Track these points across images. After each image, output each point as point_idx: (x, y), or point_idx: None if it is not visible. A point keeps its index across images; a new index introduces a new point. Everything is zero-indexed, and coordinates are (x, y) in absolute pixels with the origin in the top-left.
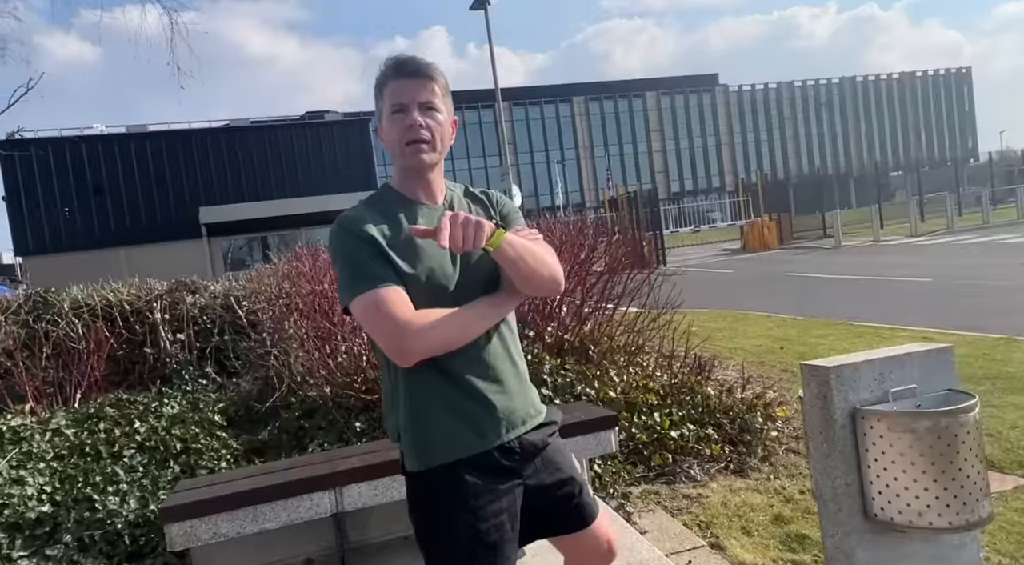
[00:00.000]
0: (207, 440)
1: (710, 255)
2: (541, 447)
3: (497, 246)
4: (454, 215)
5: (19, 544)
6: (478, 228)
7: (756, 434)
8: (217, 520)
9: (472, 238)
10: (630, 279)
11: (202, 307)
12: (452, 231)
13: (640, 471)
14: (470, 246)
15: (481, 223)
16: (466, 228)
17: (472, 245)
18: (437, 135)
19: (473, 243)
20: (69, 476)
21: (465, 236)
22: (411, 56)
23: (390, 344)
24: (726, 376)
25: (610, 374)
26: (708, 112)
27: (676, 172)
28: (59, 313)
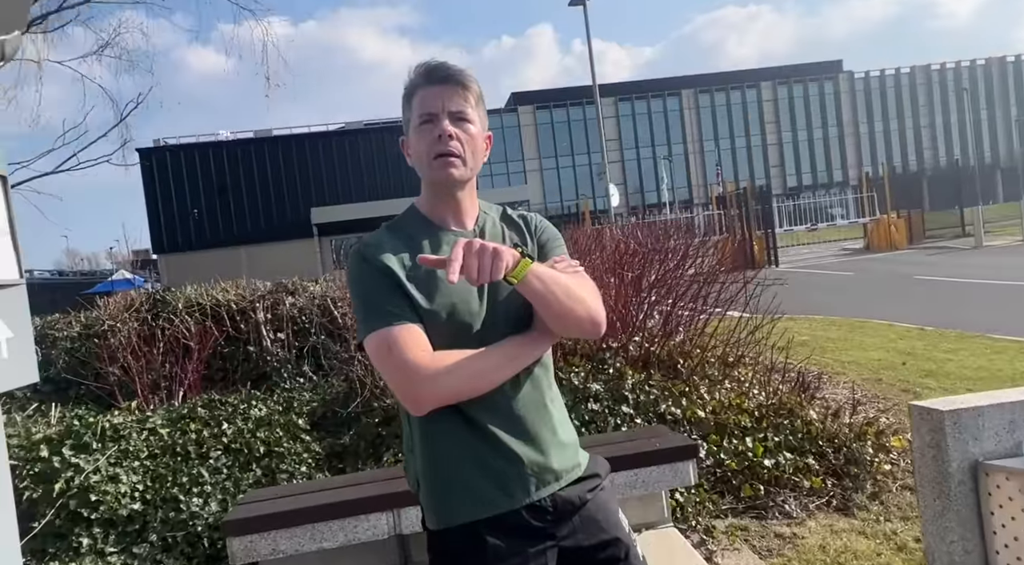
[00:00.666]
0: (290, 444)
1: (828, 255)
2: (579, 504)
3: (522, 278)
4: (468, 243)
5: (112, 540)
6: (496, 257)
7: (865, 467)
8: (276, 536)
9: (488, 269)
10: (732, 282)
11: (300, 308)
12: (466, 261)
13: (727, 502)
14: (486, 278)
15: (500, 251)
16: (481, 257)
17: (488, 277)
18: (468, 148)
19: (490, 274)
20: (159, 475)
21: (480, 266)
22: (442, 62)
23: (400, 390)
24: (835, 395)
25: (700, 391)
26: (830, 101)
27: (793, 166)
28: (174, 312)
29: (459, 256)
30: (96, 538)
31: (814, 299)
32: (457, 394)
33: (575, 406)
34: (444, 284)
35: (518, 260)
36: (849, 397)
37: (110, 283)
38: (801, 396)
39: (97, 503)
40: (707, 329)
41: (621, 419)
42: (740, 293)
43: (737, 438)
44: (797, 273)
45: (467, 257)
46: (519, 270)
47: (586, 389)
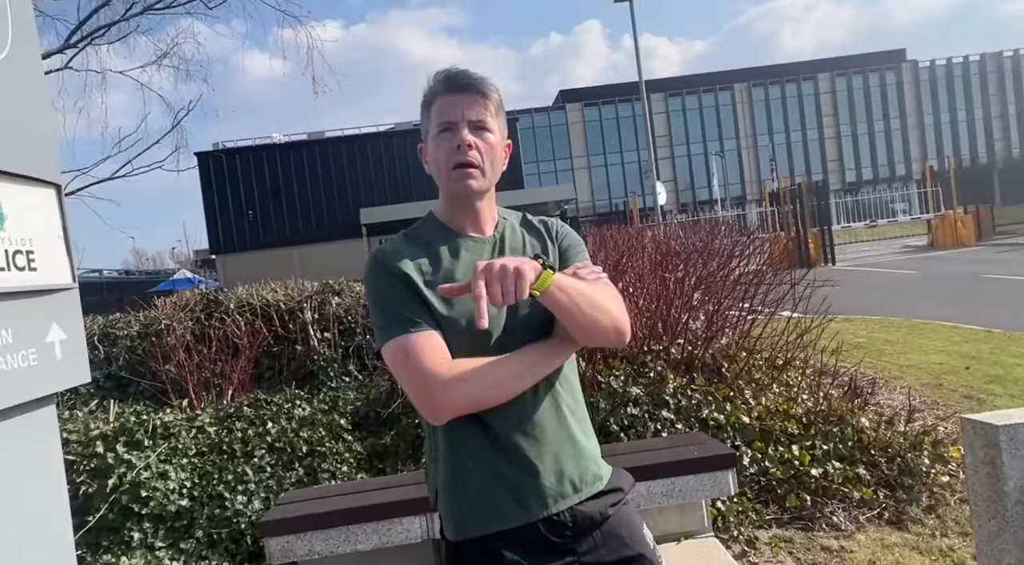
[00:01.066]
0: (332, 443)
1: (889, 253)
2: (600, 520)
3: (544, 290)
4: (487, 266)
5: (161, 535)
6: (519, 277)
7: (921, 478)
8: (312, 537)
9: (512, 290)
10: (781, 283)
11: (346, 308)
12: (489, 287)
13: (771, 512)
14: (511, 300)
15: (521, 270)
16: (504, 280)
17: (513, 298)
18: (487, 158)
19: (516, 295)
20: (206, 473)
21: (504, 290)
22: (463, 70)
23: (419, 398)
24: (890, 401)
25: (745, 396)
26: (892, 92)
27: (852, 160)
28: (226, 311)
29: (481, 284)
30: (146, 533)
31: (872, 299)
32: (476, 403)
33: (614, 410)
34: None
35: (540, 272)
36: (905, 404)
37: (172, 282)
38: (853, 402)
39: (147, 499)
40: (754, 331)
41: (661, 424)
42: (789, 294)
43: (783, 445)
44: (855, 271)
45: (490, 284)
46: (541, 282)
47: (625, 393)
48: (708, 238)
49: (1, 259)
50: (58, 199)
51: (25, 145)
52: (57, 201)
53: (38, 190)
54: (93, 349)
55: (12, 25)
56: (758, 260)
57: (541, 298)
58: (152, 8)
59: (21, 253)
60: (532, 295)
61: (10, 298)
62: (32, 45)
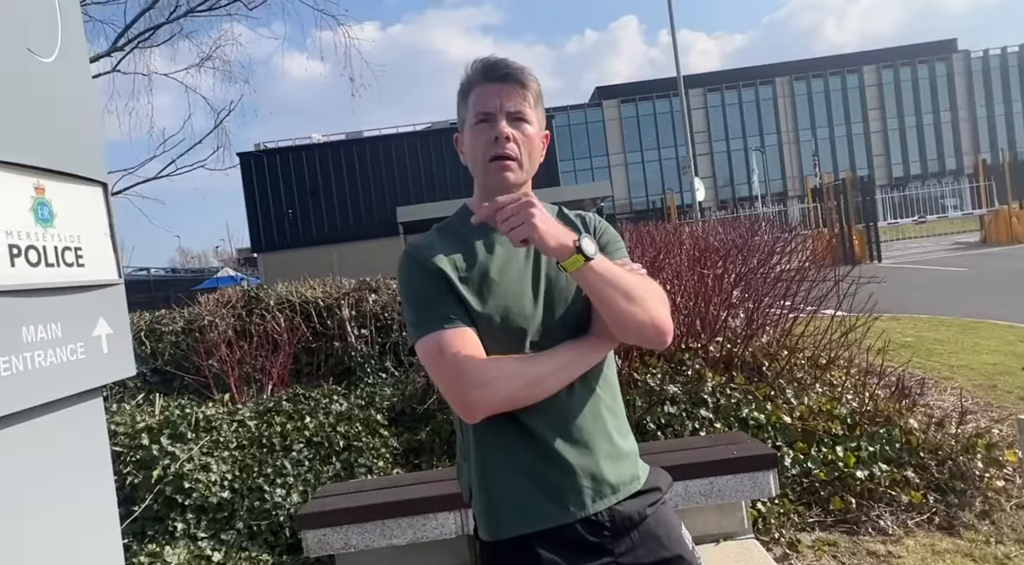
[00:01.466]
0: (368, 438)
1: (939, 249)
2: (638, 520)
3: (577, 267)
4: (516, 200)
5: (203, 525)
6: (527, 216)
7: (973, 482)
8: (348, 531)
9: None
10: (825, 280)
11: (383, 305)
12: (503, 212)
13: (814, 514)
14: (506, 229)
15: (531, 213)
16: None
17: (508, 230)
18: (525, 150)
19: (515, 230)
20: (246, 466)
21: (510, 223)
22: (501, 58)
23: (453, 396)
24: (941, 402)
25: (786, 395)
26: (942, 83)
27: (899, 155)
28: (266, 308)
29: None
30: (189, 523)
31: (920, 297)
32: (511, 401)
33: (651, 409)
34: (498, 286)
35: (570, 248)
36: (957, 405)
37: (215, 280)
38: (901, 403)
39: (190, 490)
40: (796, 329)
41: (699, 423)
42: (832, 291)
43: (827, 446)
44: (902, 269)
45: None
46: (573, 260)
47: (663, 391)
48: (748, 234)
49: (51, 255)
50: (105, 197)
51: (73, 145)
52: (104, 199)
53: (86, 188)
54: (140, 344)
55: (62, 29)
56: (800, 257)
57: (576, 277)
58: (195, 10)
59: (70, 249)
60: (563, 268)
61: (59, 293)
62: (80, 48)
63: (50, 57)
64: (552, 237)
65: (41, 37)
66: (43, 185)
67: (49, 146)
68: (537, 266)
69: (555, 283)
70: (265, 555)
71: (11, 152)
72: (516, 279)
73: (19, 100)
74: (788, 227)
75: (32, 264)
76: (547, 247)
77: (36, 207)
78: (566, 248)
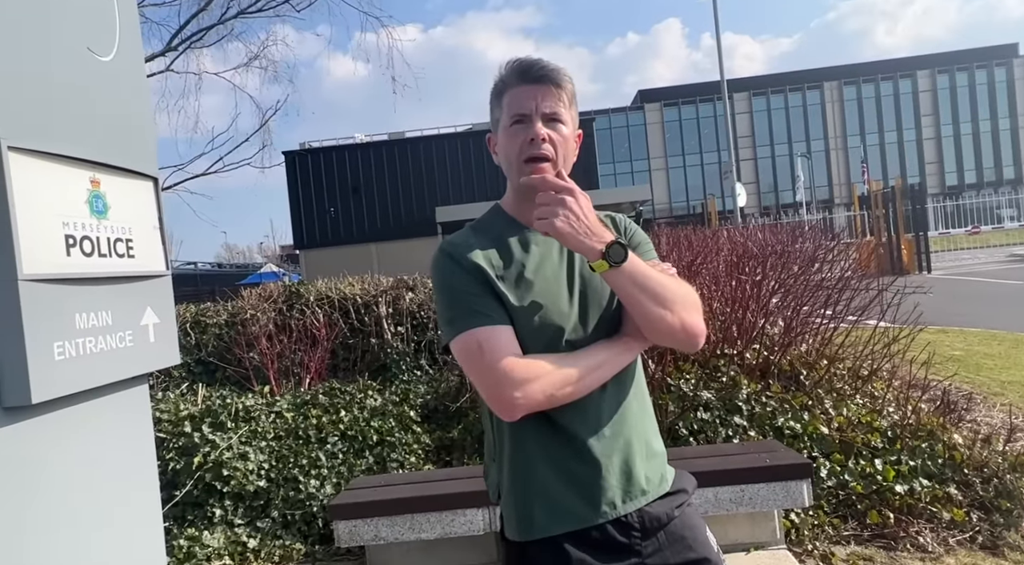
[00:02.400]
0: (401, 434)
1: (993, 261)
2: (666, 521)
3: (603, 270)
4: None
5: (240, 513)
6: (562, 205)
7: (1021, 501)
8: (378, 523)
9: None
10: (868, 289)
11: (419, 303)
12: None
13: (850, 528)
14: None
15: (556, 212)
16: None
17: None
18: (560, 151)
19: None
20: (283, 456)
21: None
22: (536, 59)
23: (491, 394)
24: (989, 418)
25: (824, 405)
26: (1002, 90)
27: (953, 163)
28: (306, 304)
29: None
30: (227, 510)
31: (971, 310)
32: (551, 400)
33: (683, 414)
34: (534, 284)
35: (597, 254)
36: (1006, 422)
37: (259, 275)
38: (945, 417)
39: (228, 478)
40: (836, 339)
41: (733, 430)
42: (875, 300)
43: (865, 459)
44: (952, 280)
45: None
46: (597, 264)
47: (696, 397)
48: (788, 240)
49: (104, 246)
50: (155, 192)
51: (127, 141)
52: (154, 194)
53: (138, 183)
54: (185, 336)
55: (119, 30)
56: (843, 266)
57: (605, 278)
58: (245, 11)
59: (121, 241)
60: (592, 268)
61: (110, 283)
62: (136, 48)
63: (108, 56)
64: (574, 238)
65: (100, 37)
66: (98, 178)
67: (105, 141)
68: (571, 265)
69: (589, 282)
70: (298, 544)
71: (70, 146)
72: (552, 278)
73: (78, 97)
74: (832, 234)
75: (86, 254)
76: (569, 245)
77: (91, 199)
78: (591, 251)
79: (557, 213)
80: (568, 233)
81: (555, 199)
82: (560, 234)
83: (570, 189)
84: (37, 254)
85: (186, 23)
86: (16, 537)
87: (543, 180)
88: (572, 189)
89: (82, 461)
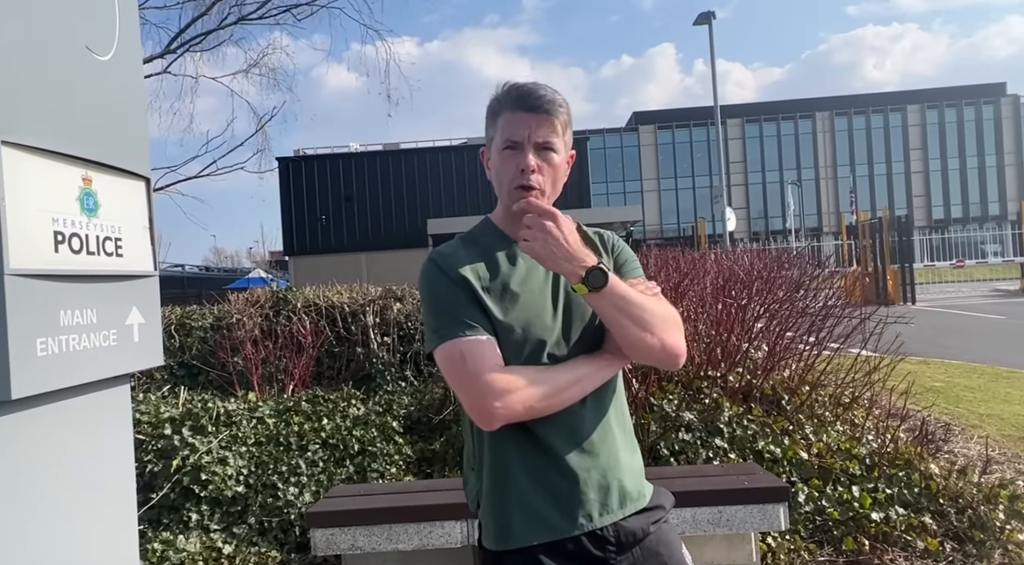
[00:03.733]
0: (383, 444)
1: (976, 295)
2: (641, 536)
3: (583, 294)
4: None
5: (216, 518)
6: (543, 230)
7: (994, 533)
8: (355, 532)
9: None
10: (851, 318)
11: (407, 314)
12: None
13: (826, 554)
14: (520, 236)
15: (535, 236)
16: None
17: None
18: (549, 179)
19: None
20: (262, 462)
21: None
22: (534, 87)
23: (471, 404)
24: (966, 450)
25: (805, 431)
26: (989, 127)
27: (940, 197)
28: (293, 310)
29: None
30: (203, 515)
31: (953, 342)
32: (530, 411)
33: (665, 434)
34: (519, 298)
35: (577, 278)
36: (982, 454)
37: (246, 280)
38: (923, 447)
39: (207, 482)
40: (819, 365)
41: (714, 452)
42: (858, 328)
43: (843, 486)
44: (936, 313)
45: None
46: (577, 287)
47: (679, 418)
48: (774, 265)
49: (92, 244)
50: (147, 192)
51: (121, 140)
52: (146, 194)
53: (129, 182)
54: (169, 338)
55: (119, 30)
56: (827, 294)
57: (586, 299)
58: (246, 18)
59: (110, 239)
60: (575, 289)
61: (97, 281)
62: (135, 49)
63: (106, 56)
64: (554, 261)
65: (99, 37)
66: (90, 176)
67: (99, 140)
68: (557, 280)
69: (573, 298)
70: (274, 551)
71: (64, 143)
72: (537, 292)
73: (75, 95)
74: (817, 261)
75: (74, 251)
76: (549, 268)
77: (83, 197)
78: (571, 275)
79: (538, 237)
80: (548, 256)
81: (537, 223)
82: (540, 258)
83: (552, 214)
84: (25, 249)
85: (187, 26)
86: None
87: (528, 203)
88: (554, 215)
89: (59, 459)
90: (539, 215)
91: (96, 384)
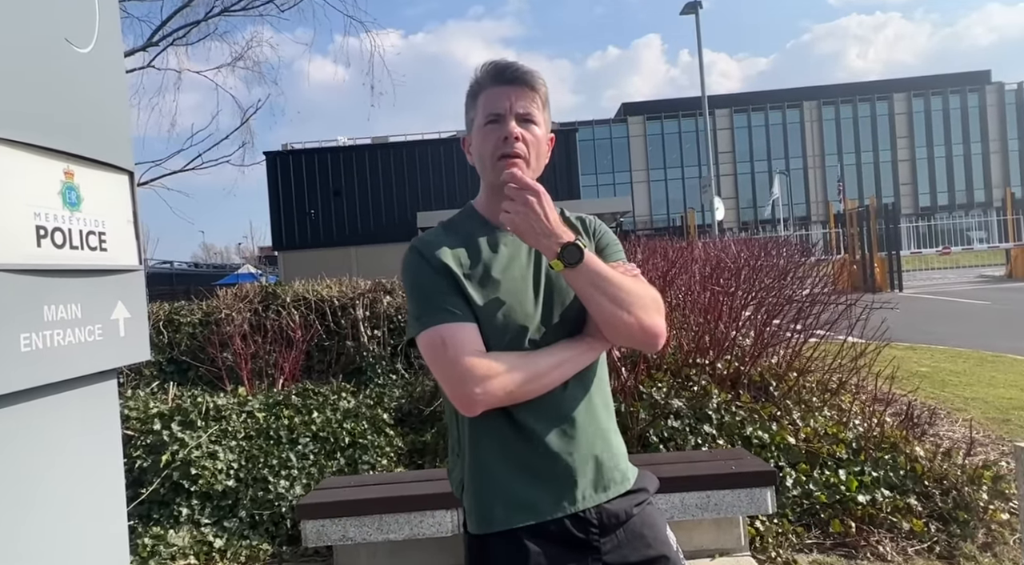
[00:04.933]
0: (374, 437)
1: (962, 282)
2: (624, 518)
3: (559, 270)
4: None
5: (207, 512)
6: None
7: (977, 513)
8: (346, 523)
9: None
10: (839, 304)
11: (397, 307)
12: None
13: (813, 536)
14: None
15: (518, 210)
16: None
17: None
18: (533, 151)
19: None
20: (253, 456)
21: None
22: (511, 61)
23: (452, 389)
24: (950, 433)
25: (792, 416)
26: (974, 115)
27: (927, 184)
28: (282, 305)
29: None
30: (194, 509)
31: (940, 328)
32: (510, 396)
33: (654, 421)
34: (501, 284)
35: (553, 253)
36: (966, 436)
37: (235, 276)
38: (909, 431)
39: (196, 477)
40: (806, 351)
41: (703, 439)
42: (843, 314)
43: (830, 469)
44: (923, 299)
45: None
46: (553, 263)
47: (667, 405)
48: (760, 253)
49: (75, 238)
50: (130, 186)
51: (103, 134)
52: (129, 188)
53: (113, 176)
54: (157, 334)
55: (99, 22)
56: (814, 281)
57: (564, 276)
58: (229, 9)
59: (94, 234)
60: (551, 267)
61: (81, 275)
62: (115, 42)
63: (86, 48)
64: (532, 235)
65: (79, 28)
66: (72, 170)
67: (80, 133)
68: (539, 266)
69: (555, 283)
70: (265, 544)
71: (44, 137)
72: (519, 278)
73: (54, 88)
74: (805, 249)
75: (57, 246)
76: (527, 242)
77: (64, 191)
78: (548, 250)
79: (520, 211)
80: (527, 230)
81: (521, 196)
82: (519, 231)
83: (536, 190)
84: (6, 244)
85: (169, 18)
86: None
87: (512, 175)
88: (538, 190)
89: (45, 455)
90: (523, 189)
91: (82, 379)
